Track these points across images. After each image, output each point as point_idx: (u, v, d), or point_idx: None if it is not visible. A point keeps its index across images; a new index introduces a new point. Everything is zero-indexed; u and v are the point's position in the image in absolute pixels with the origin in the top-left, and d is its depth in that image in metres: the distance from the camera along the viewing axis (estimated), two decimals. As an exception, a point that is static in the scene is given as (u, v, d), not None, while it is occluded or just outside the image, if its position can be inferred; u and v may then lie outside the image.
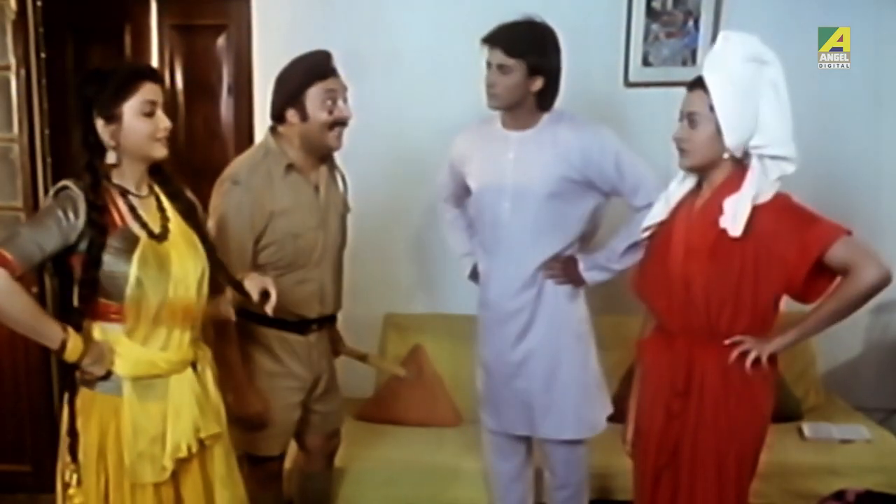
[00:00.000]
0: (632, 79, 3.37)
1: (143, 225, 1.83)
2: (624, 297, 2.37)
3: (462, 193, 2.64)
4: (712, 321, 1.96)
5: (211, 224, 2.22)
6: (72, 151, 1.82)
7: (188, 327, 1.89)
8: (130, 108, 1.79)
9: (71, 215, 1.73)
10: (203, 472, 1.92)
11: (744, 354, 1.94)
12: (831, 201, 3.40)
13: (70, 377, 1.81)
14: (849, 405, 3.42)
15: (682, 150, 1.99)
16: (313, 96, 2.25)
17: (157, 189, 1.92)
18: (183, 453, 1.84)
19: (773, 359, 1.97)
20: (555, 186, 2.38)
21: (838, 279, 1.92)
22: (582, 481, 2.65)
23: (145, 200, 1.88)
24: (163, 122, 1.83)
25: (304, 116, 2.26)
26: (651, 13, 3.34)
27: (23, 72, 3.14)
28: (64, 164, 3.12)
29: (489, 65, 2.36)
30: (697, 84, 1.94)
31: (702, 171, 2.01)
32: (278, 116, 2.31)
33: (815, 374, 3.43)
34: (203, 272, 1.91)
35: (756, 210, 1.90)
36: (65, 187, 1.77)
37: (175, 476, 1.86)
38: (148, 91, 1.81)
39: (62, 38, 3.35)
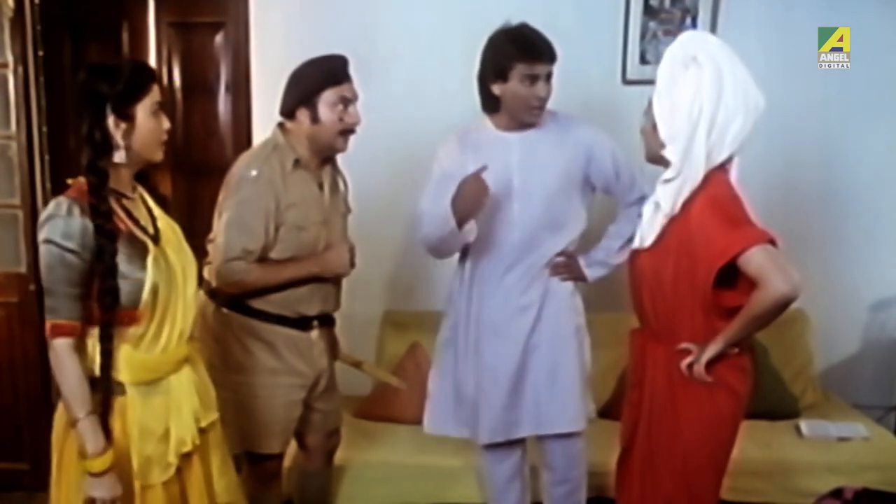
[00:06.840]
0: (629, 76, 3.37)
1: (143, 229, 1.81)
2: (620, 295, 2.37)
3: None
4: (659, 325, 2.01)
5: (224, 218, 2.23)
6: (70, 149, 1.80)
7: (186, 324, 1.88)
8: (144, 108, 1.77)
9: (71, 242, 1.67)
10: (204, 464, 1.92)
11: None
12: (830, 201, 3.45)
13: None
14: (846, 403, 3.43)
15: None
16: (326, 100, 2.27)
17: (139, 189, 1.89)
18: (188, 447, 1.83)
19: (737, 365, 1.95)
20: (561, 184, 2.41)
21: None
22: (581, 476, 2.65)
23: (135, 202, 1.85)
24: (165, 122, 1.83)
25: (315, 119, 2.28)
26: (649, 11, 3.34)
27: (20, 69, 3.13)
28: (62, 162, 3.11)
29: (535, 77, 2.31)
30: None
31: (658, 164, 2.01)
32: (289, 114, 2.33)
33: (812, 371, 3.43)
34: (194, 265, 1.91)
35: (685, 212, 1.90)
36: (50, 217, 1.69)
37: (179, 471, 1.85)
38: (156, 92, 1.81)
39: (60, 35, 3.34)
